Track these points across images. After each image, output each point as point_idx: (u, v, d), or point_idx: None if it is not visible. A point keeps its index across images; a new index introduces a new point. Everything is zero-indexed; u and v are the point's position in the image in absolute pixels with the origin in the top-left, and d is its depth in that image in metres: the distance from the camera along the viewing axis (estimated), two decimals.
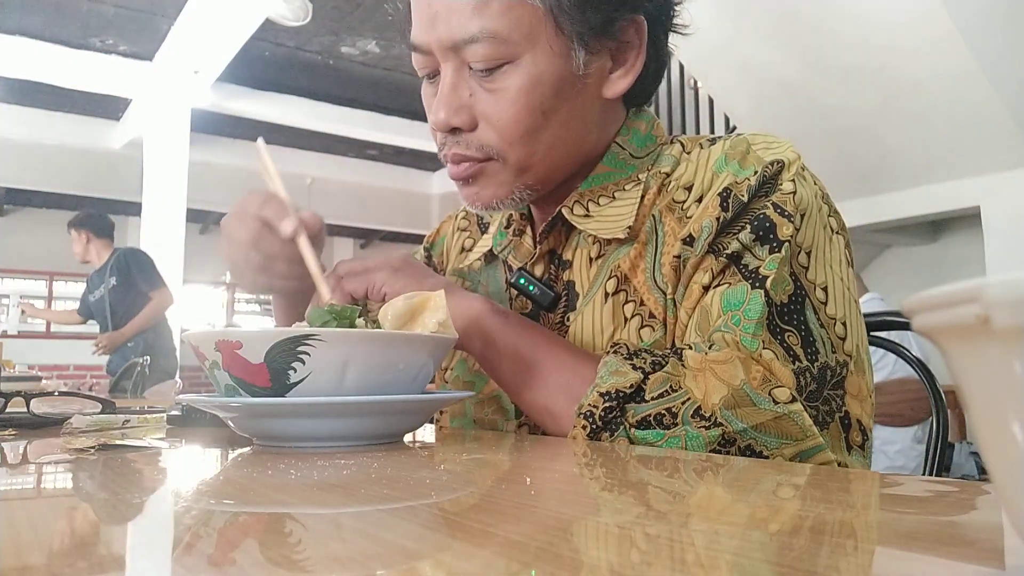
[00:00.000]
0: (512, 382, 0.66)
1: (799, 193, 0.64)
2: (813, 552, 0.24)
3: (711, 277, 0.64)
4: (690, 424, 0.57)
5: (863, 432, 0.63)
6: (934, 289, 0.17)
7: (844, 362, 0.63)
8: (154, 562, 0.26)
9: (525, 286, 0.74)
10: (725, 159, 0.68)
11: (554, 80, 0.67)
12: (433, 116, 0.68)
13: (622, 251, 0.71)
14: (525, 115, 0.66)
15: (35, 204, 8.12)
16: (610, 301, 0.70)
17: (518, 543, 0.25)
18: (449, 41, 0.66)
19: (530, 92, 0.66)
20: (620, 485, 0.40)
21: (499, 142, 0.68)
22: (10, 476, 0.45)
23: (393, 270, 0.68)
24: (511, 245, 0.80)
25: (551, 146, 0.69)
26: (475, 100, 0.67)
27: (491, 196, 0.71)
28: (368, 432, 0.56)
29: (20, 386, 1.08)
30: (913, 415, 2.75)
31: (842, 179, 3.86)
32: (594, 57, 0.68)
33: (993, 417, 0.17)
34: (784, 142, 0.69)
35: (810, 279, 0.63)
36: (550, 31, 0.66)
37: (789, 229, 0.63)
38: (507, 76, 0.66)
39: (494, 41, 0.65)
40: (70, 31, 5.39)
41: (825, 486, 0.38)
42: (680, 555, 0.24)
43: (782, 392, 0.58)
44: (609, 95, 0.71)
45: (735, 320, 0.61)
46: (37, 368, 4.53)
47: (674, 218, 0.69)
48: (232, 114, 6.42)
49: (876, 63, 3.19)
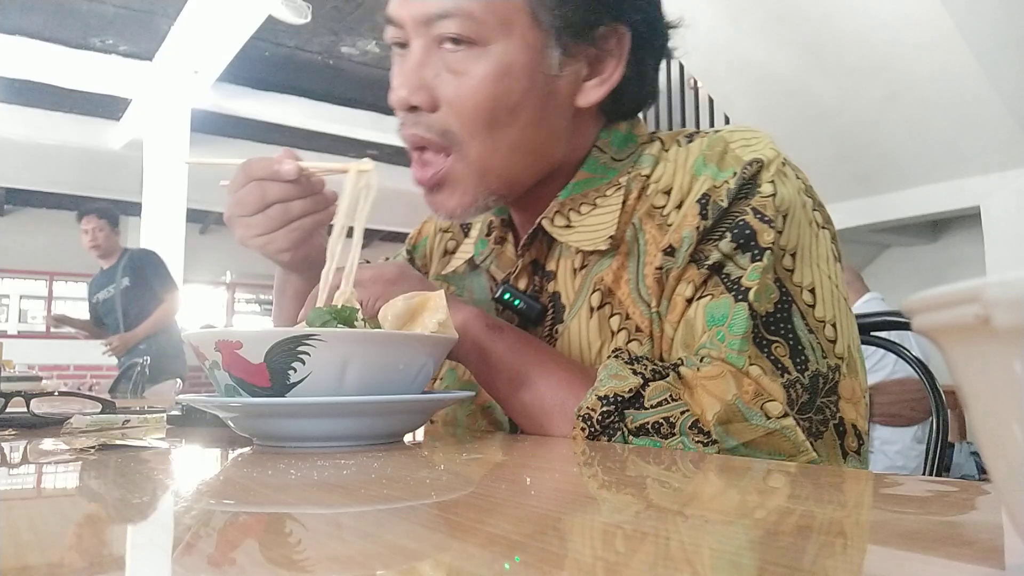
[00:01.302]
0: (504, 392, 0.66)
1: (779, 194, 0.63)
2: (813, 552, 0.24)
3: (694, 289, 0.63)
4: (687, 435, 0.56)
5: (858, 436, 0.62)
6: (934, 289, 0.17)
7: (836, 366, 0.62)
8: (154, 562, 0.26)
9: (511, 301, 0.72)
10: (703, 160, 0.66)
11: (524, 74, 0.65)
12: (394, 92, 0.66)
13: (604, 262, 0.69)
14: (488, 104, 0.64)
15: (35, 204, 8.12)
16: (596, 316, 0.69)
17: (518, 543, 0.25)
18: (422, 15, 0.64)
19: (497, 81, 0.64)
20: (620, 485, 0.40)
21: (459, 128, 0.65)
22: (10, 476, 0.45)
23: (387, 283, 0.67)
24: (493, 254, 0.78)
25: (513, 147, 0.67)
26: (439, 81, 0.65)
27: (456, 204, 0.68)
28: (368, 432, 0.56)
29: (20, 386, 1.08)
30: (913, 415, 2.75)
31: (842, 179, 3.86)
32: (570, 60, 0.66)
33: (993, 417, 0.17)
34: (763, 137, 0.67)
35: (796, 282, 0.62)
36: (527, 22, 0.64)
37: (771, 235, 0.61)
38: (476, 61, 0.64)
39: (467, 20, 0.63)
40: (70, 31, 5.39)
41: (825, 486, 0.38)
42: (680, 556, 0.24)
43: (774, 406, 0.57)
44: (582, 104, 0.69)
45: (720, 336, 0.60)
46: (37, 368, 4.53)
47: (655, 225, 0.67)
48: (232, 114, 6.42)
49: (876, 63, 3.19)
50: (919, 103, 3.30)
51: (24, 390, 0.75)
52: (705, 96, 4.71)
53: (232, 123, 6.82)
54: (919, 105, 3.31)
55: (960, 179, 3.68)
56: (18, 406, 0.73)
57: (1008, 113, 3.20)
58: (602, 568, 0.22)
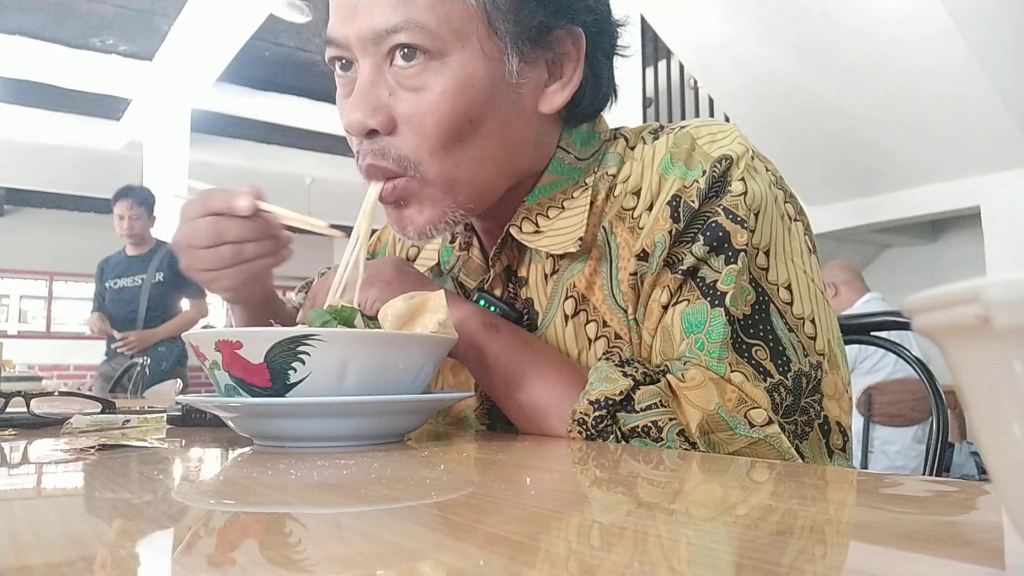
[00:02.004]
0: (502, 394, 0.66)
1: (751, 191, 0.61)
2: (812, 552, 0.24)
3: (669, 295, 0.62)
4: (674, 442, 0.56)
5: (843, 433, 0.62)
6: (934, 289, 0.17)
7: (818, 363, 0.61)
8: (154, 562, 0.26)
9: (486, 308, 0.71)
10: (671, 159, 0.65)
11: (484, 85, 0.62)
12: (347, 117, 0.62)
13: (576, 267, 0.68)
14: (450, 120, 0.61)
15: (35, 204, 8.11)
16: (571, 324, 0.68)
17: (518, 543, 0.25)
18: (370, 32, 0.61)
19: (456, 95, 0.61)
20: (620, 485, 0.40)
21: (417, 151, 0.62)
22: (10, 476, 0.45)
23: (385, 283, 0.67)
24: (459, 261, 0.77)
25: (478, 160, 0.64)
26: (395, 100, 0.62)
27: (425, 222, 0.65)
28: (368, 432, 0.56)
29: (20, 386, 1.08)
30: (913, 415, 2.75)
31: (842, 179, 3.86)
32: (528, 67, 0.64)
33: (993, 417, 0.17)
34: (730, 131, 0.66)
35: (772, 280, 0.61)
36: (482, 31, 0.62)
37: (744, 236, 0.60)
38: (432, 75, 0.61)
39: (420, 32, 0.60)
40: (70, 31, 5.39)
41: (825, 486, 0.38)
42: (678, 555, 0.24)
43: (758, 413, 0.56)
44: (545, 110, 0.67)
45: (699, 344, 0.59)
46: (37, 368, 4.52)
47: (626, 228, 0.66)
48: (232, 114, 6.42)
49: (876, 62, 3.20)
50: (919, 103, 3.30)
51: (24, 390, 0.75)
52: (705, 96, 4.71)
53: (232, 123, 6.82)
54: (919, 105, 3.31)
55: (960, 179, 3.68)
56: (18, 406, 0.73)
57: (1008, 113, 3.20)
58: (602, 567, 0.22)
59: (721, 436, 0.56)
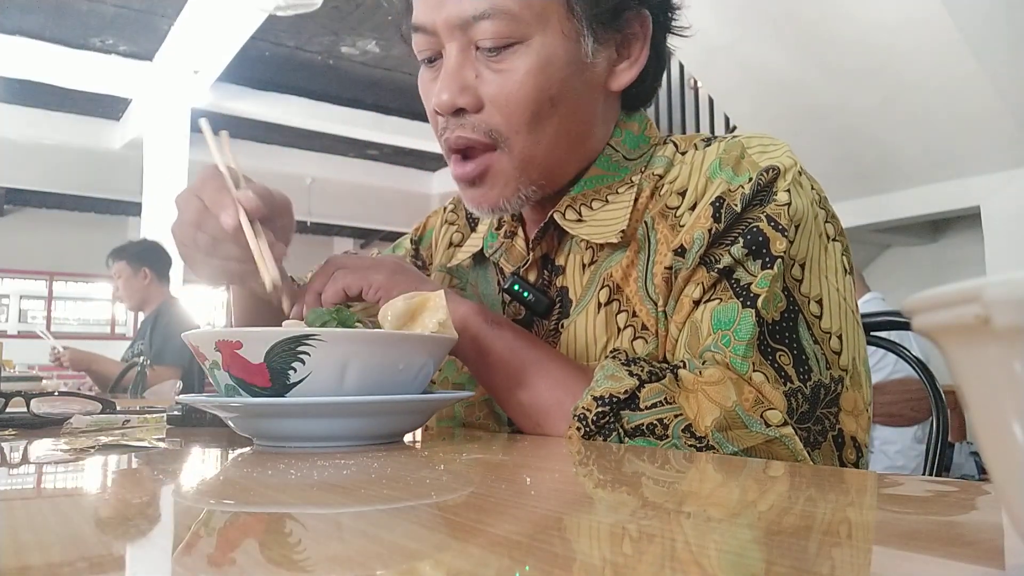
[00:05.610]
0: (502, 390, 0.66)
1: (794, 204, 0.63)
2: (814, 552, 0.24)
3: (702, 291, 0.63)
4: (680, 438, 0.57)
5: (857, 449, 0.62)
6: (934, 289, 0.17)
7: (839, 378, 0.62)
8: (154, 562, 0.26)
9: (520, 292, 0.73)
10: (720, 164, 0.67)
11: (563, 64, 0.66)
12: (436, 97, 0.66)
13: (615, 258, 0.70)
14: (533, 98, 0.65)
15: (35, 204, 8.12)
16: (603, 311, 0.69)
17: (518, 543, 0.25)
18: (458, 18, 0.65)
19: (539, 74, 0.65)
20: (619, 484, 0.40)
21: (505, 126, 0.66)
22: (10, 476, 0.45)
23: (390, 272, 0.67)
24: (503, 247, 0.78)
25: (555, 137, 0.68)
26: (481, 81, 0.66)
27: (498, 196, 0.69)
28: (368, 432, 0.56)
29: (20, 386, 1.08)
30: (913, 415, 2.75)
31: (842, 179, 3.86)
32: (601, 47, 0.68)
33: (993, 417, 0.17)
34: (781, 145, 0.68)
35: (804, 292, 0.62)
36: (562, 13, 0.66)
37: (783, 244, 0.61)
38: (516, 57, 0.65)
39: (505, 18, 0.64)
40: (70, 31, 5.38)
41: (825, 486, 0.38)
42: (681, 555, 0.24)
43: (774, 415, 0.57)
44: (614, 87, 0.71)
45: (725, 340, 0.60)
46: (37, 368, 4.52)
47: (667, 225, 0.67)
48: (232, 114, 6.42)
49: (876, 63, 3.19)
50: (919, 103, 3.30)
51: (24, 390, 0.75)
52: (705, 96, 4.71)
53: (232, 123, 6.81)
54: (919, 105, 3.31)
55: (960, 179, 3.68)
56: (18, 406, 0.73)
57: (1008, 113, 3.20)
58: (604, 569, 0.22)
59: (737, 433, 0.57)
